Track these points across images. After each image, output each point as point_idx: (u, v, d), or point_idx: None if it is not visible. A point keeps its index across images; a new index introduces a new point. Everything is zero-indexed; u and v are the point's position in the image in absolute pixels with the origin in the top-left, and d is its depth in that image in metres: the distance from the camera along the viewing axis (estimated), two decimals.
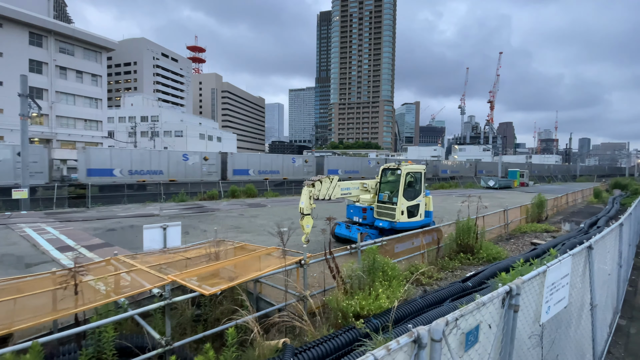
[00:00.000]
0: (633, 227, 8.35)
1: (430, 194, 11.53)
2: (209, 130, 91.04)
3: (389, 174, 10.65)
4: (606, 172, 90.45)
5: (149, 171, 24.39)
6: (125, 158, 23.68)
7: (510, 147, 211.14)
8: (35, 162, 20.95)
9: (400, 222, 9.90)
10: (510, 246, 10.46)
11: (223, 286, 4.01)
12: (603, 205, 21.76)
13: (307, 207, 8.54)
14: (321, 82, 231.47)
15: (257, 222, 15.28)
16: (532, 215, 14.41)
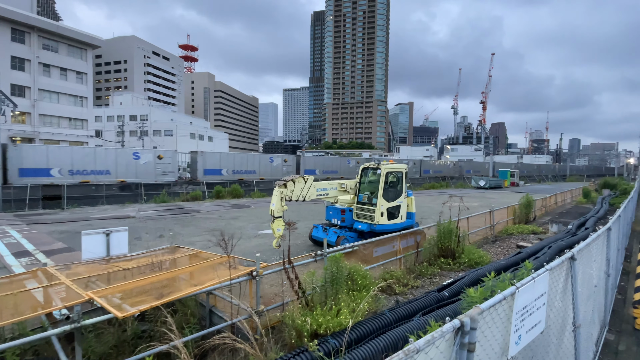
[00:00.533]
0: (622, 229, 7.92)
1: (414, 194, 11.02)
2: (199, 129, 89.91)
3: (369, 173, 10.11)
4: (596, 172, 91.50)
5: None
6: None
7: (502, 147, 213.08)
8: None
9: (379, 224, 9.36)
10: (495, 249, 9.99)
11: (144, 306, 3.40)
12: (592, 205, 21.55)
13: (278, 209, 7.95)
14: (315, 82, 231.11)
15: (236, 225, 14.62)
16: (520, 216, 14.01)
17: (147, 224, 14.67)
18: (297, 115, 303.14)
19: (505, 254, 9.44)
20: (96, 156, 23.03)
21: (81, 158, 22.29)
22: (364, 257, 8.42)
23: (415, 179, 44.20)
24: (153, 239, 11.51)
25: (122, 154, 24.62)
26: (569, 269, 3.22)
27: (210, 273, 5.17)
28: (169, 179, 25.85)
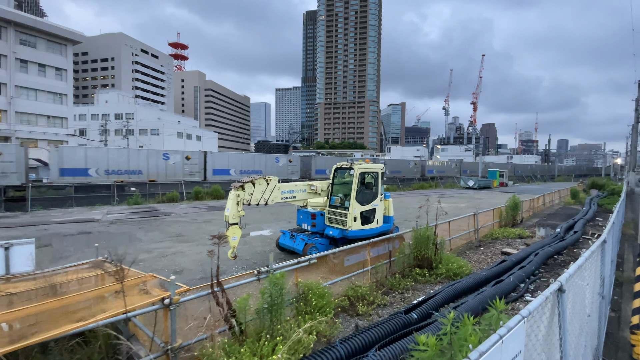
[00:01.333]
0: (615, 234, 7.21)
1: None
2: (188, 128, 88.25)
3: (342, 174, 9.25)
4: (583, 172, 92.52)
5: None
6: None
7: (493, 147, 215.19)
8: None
9: (352, 230, 8.50)
10: (478, 256, 9.22)
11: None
12: (580, 206, 21.12)
13: (233, 215, 7.02)
14: (308, 81, 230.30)
15: (206, 229, 13.61)
16: (506, 219, 13.33)
17: (108, 228, 13.57)
18: (290, 115, 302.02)
19: (489, 262, 8.67)
20: (130, 157, 24.06)
21: (116, 158, 23.36)
22: (334, 268, 7.56)
23: (408, 179, 43.60)
24: (88, 250, 10.47)
25: (153, 155, 25.50)
26: (555, 305, 2.38)
27: (120, 299, 4.22)
28: (195, 178, 26.69)
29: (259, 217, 16.34)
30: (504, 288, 6.11)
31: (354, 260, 7.89)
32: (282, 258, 9.25)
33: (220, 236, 4.21)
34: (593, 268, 3.63)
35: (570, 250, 9.72)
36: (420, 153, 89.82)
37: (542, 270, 7.97)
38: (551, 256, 8.95)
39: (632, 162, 40.24)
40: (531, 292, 6.56)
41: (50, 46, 48.04)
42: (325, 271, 7.89)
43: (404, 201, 25.03)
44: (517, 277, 6.74)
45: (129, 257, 9.45)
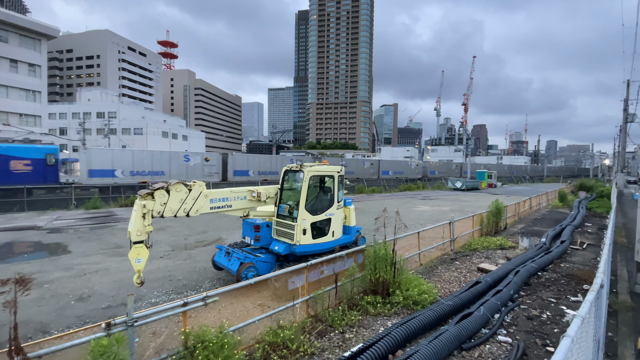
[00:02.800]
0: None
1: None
2: (173, 128, 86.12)
3: (292, 177, 7.87)
4: (571, 172, 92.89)
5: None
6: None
7: (483, 148, 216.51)
8: None
9: (301, 244, 7.11)
10: (450, 273, 7.91)
11: None
12: (568, 209, 20.12)
13: (137, 230, 5.57)
14: (300, 81, 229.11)
15: (157, 238, 12.09)
16: (488, 226, 12.11)
17: (45, 237, 11.97)
18: (283, 115, 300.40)
19: (462, 282, 7.37)
20: (153, 158, 24.64)
21: (140, 160, 23.80)
22: (276, 292, 6.19)
23: (394, 180, 42.48)
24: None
25: (175, 157, 26.22)
26: None
27: None
28: (214, 179, 27.15)
29: (221, 223, 14.86)
30: (471, 326, 4.79)
31: (302, 282, 6.53)
32: (222, 279, 7.83)
33: (20, 280, 2.74)
34: (586, 331, 2.31)
35: (557, 265, 8.49)
36: (410, 154, 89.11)
37: (523, 293, 6.70)
38: (534, 273, 7.70)
39: (620, 163, 39.76)
40: (507, 327, 5.26)
41: (23, 41, 45.81)
42: (270, 296, 6.52)
43: (385, 204, 23.79)
44: (489, 307, 5.43)
45: (40, 276, 7.97)
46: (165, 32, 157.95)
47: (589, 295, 2.37)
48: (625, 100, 34.38)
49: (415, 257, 8.55)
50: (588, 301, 2.42)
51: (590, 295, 2.38)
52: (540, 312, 5.79)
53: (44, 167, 20.05)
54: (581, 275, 7.50)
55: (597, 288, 2.56)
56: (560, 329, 5.20)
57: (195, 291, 7.14)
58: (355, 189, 34.52)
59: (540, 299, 6.46)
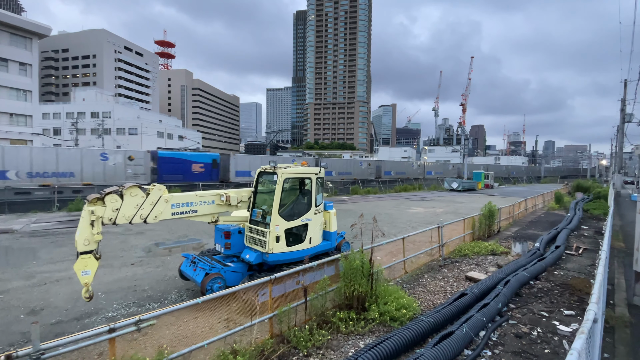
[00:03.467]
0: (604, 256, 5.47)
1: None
2: (169, 128, 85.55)
3: (267, 180, 7.33)
4: (569, 173, 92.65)
5: None
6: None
7: (481, 148, 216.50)
8: None
9: (274, 253, 6.58)
10: (436, 283, 7.39)
11: None
12: (565, 211, 19.65)
13: (85, 239, 5.03)
14: (298, 81, 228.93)
15: (132, 242, 11.53)
16: (481, 230, 11.60)
17: (17, 242, 11.39)
18: (281, 116, 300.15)
19: (447, 293, 6.84)
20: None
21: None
22: (245, 306, 5.67)
23: (390, 180, 42.03)
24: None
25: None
26: None
27: None
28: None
29: (205, 227, 14.29)
30: (451, 348, 4.26)
31: (278, 292, 5.99)
32: (191, 289, 7.28)
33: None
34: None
35: (550, 273, 7.98)
36: (408, 154, 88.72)
37: (513, 306, 6.18)
38: (526, 283, 7.19)
39: (617, 163, 39.38)
40: (492, 347, 4.74)
41: (13, 39, 45.11)
42: (239, 310, 5.99)
43: (378, 205, 23.30)
44: (474, 324, 4.91)
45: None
46: (163, 32, 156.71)
47: (578, 339, 1.85)
48: (623, 100, 34.00)
49: (400, 265, 8.02)
50: (581, 339, 1.90)
51: (578, 340, 1.85)
52: (530, 329, 5.27)
53: (211, 169, 26.66)
54: (576, 284, 6.99)
55: (589, 327, 2.04)
56: (552, 349, 4.69)
57: (158, 303, 6.59)
58: (350, 190, 34.03)
59: (531, 312, 5.94)
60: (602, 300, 3.24)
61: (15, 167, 19.88)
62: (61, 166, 21.48)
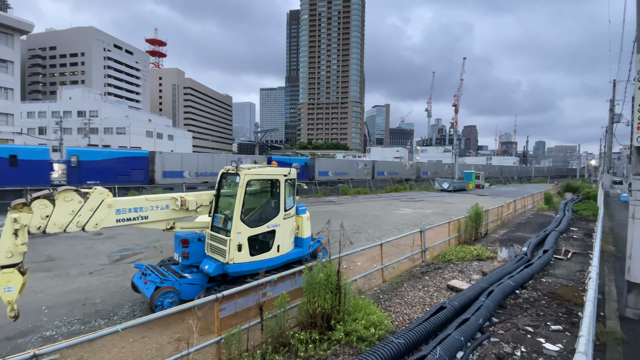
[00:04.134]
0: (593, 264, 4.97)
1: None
2: (158, 127, 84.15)
3: (232, 182, 6.70)
4: (559, 173, 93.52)
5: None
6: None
7: (474, 149, 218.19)
8: None
9: (235, 263, 5.95)
10: (415, 293, 6.83)
11: None
12: (554, 212, 19.36)
13: (8, 251, 4.35)
14: (291, 81, 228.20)
15: (98, 248, 10.77)
16: (467, 232, 11.11)
17: None
18: (275, 115, 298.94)
19: (426, 305, 6.29)
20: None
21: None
22: (206, 324, 5.06)
23: (382, 180, 41.63)
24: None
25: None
26: None
27: None
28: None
29: None
30: None
31: (240, 307, 5.37)
32: (146, 302, 6.60)
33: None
34: None
35: (538, 281, 7.49)
36: (400, 154, 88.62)
37: (496, 320, 5.65)
38: (511, 292, 6.68)
39: (606, 163, 39.50)
40: None
41: None
42: (202, 326, 5.34)
43: (367, 206, 22.79)
44: (450, 345, 4.34)
45: None
46: (154, 31, 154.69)
47: None
48: (612, 100, 34.08)
49: (378, 273, 7.45)
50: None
51: None
52: (513, 348, 4.74)
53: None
54: (564, 294, 6.50)
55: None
56: None
57: (106, 320, 5.92)
58: (340, 190, 33.50)
59: (515, 327, 5.42)
60: (591, 331, 2.70)
61: (188, 168, 27.22)
62: (215, 167, 28.13)
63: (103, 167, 23.50)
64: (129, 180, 24.34)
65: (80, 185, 12.48)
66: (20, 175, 19.80)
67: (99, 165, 23.49)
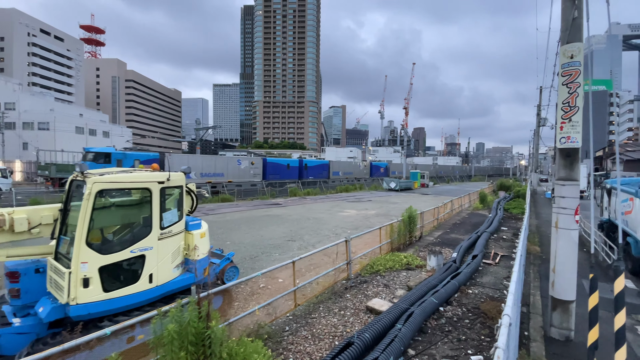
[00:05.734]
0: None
1: (204, 223, 6.30)
2: (92, 123, 75.77)
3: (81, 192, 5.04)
4: (496, 172, 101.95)
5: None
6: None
7: (422, 149, 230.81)
8: None
9: (80, 303, 4.36)
10: (328, 319, 5.79)
11: None
12: (488, 211, 20.05)
13: None
14: (246, 78, 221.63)
15: None
16: (401, 237, 10.50)
17: None
18: (229, 113, 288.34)
19: (336, 337, 5.25)
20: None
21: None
22: None
23: (333, 180, 41.16)
24: None
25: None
26: None
27: None
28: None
29: None
30: None
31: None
32: None
33: None
34: None
35: (464, 293, 6.90)
36: (354, 154, 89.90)
37: (412, 352, 4.78)
38: (434, 311, 5.93)
39: (534, 163, 43.19)
40: None
41: None
42: None
43: (312, 208, 21.81)
44: None
45: None
46: (90, 17, 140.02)
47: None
48: (538, 105, 37.16)
49: (288, 297, 6.29)
50: None
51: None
52: None
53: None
54: (488, 310, 5.90)
55: None
56: None
57: None
58: (288, 192, 32.23)
59: (433, 358, 4.58)
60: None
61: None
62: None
63: None
64: None
65: None
66: None
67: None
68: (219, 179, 29.86)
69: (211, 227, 15.25)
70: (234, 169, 31.49)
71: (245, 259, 9.78)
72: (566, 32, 5.13)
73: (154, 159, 26.85)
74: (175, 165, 28.26)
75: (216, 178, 29.71)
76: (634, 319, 6.01)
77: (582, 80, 5.03)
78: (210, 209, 20.94)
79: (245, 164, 32.71)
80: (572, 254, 5.11)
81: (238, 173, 31.84)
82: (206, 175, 28.28)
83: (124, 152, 28.45)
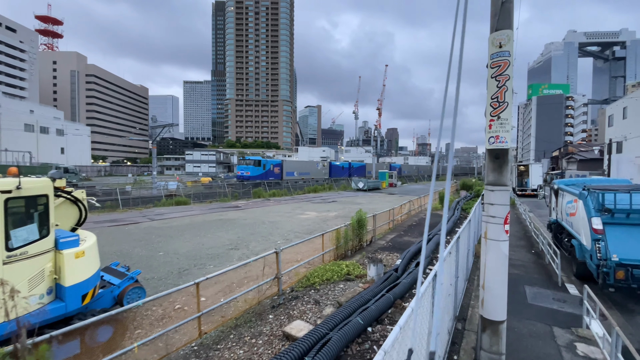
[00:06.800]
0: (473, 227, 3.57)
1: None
2: (44, 120, 70.19)
3: None
4: (463, 171, 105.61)
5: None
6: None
7: (395, 149, 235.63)
8: None
9: None
10: (237, 350, 4.90)
11: None
12: None
13: None
14: (218, 75, 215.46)
15: None
16: (348, 243, 9.82)
17: None
18: (201, 111, 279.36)
19: None
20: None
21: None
22: None
23: (302, 181, 40.19)
24: None
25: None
26: None
27: None
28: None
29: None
30: None
31: None
32: None
33: None
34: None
35: (398, 308, 6.26)
36: (326, 154, 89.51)
37: None
38: (359, 335, 5.22)
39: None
40: None
41: None
42: None
43: (273, 210, 20.82)
44: None
45: None
46: (47, 7, 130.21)
47: None
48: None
49: (190, 326, 5.33)
50: None
51: None
52: None
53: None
54: None
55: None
56: None
57: None
58: (252, 194, 30.99)
59: None
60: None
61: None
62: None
63: None
64: None
65: None
66: None
67: None
68: (306, 176, 45.31)
69: (150, 234, 13.84)
70: (314, 169, 47.05)
71: (171, 273, 8.67)
72: (495, 18, 4.57)
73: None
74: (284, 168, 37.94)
75: (305, 175, 45.27)
76: (574, 333, 5.59)
77: (511, 72, 4.48)
78: (167, 211, 19.40)
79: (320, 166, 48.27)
80: (502, 267, 4.56)
81: (316, 171, 47.37)
82: (302, 174, 43.47)
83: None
